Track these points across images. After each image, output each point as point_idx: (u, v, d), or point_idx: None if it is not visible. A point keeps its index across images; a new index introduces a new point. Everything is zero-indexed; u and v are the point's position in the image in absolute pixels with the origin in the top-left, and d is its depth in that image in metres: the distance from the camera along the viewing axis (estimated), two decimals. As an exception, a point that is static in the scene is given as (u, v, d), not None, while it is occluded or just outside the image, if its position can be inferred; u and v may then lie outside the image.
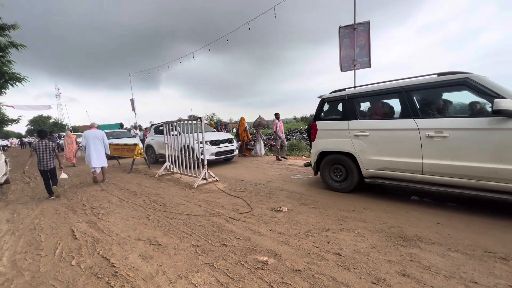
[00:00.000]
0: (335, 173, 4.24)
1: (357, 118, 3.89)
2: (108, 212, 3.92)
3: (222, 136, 7.85)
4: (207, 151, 6.78)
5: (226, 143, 7.78)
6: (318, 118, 4.43)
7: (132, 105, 19.08)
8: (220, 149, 7.46)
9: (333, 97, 4.29)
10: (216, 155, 7.34)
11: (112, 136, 11.96)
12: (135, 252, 2.57)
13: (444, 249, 2.24)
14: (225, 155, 7.73)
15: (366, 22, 6.88)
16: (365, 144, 3.72)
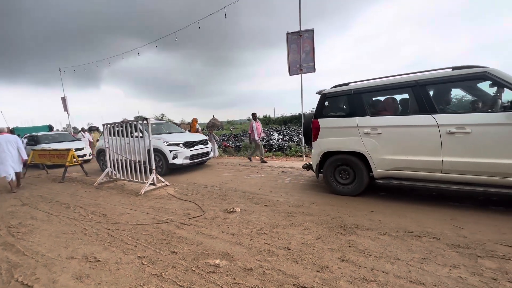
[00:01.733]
0: (341, 175, 3.90)
1: (367, 115, 3.58)
2: (31, 230, 3.33)
3: (196, 137, 7.13)
4: (181, 154, 6.23)
5: (201, 145, 7.06)
6: (320, 115, 4.02)
7: (64, 104, 16.58)
8: (195, 152, 6.70)
9: (336, 92, 3.95)
10: (190, 159, 6.54)
11: (48, 140, 10.17)
12: (67, 273, 2.24)
13: (375, 233, 2.57)
14: (200, 158, 6.97)
15: (311, 30, 7.43)
16: (378, 142, 3.45)
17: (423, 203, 3.35)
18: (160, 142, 6.18)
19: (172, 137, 6.68)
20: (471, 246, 2.22)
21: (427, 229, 2.58)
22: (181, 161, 6.21)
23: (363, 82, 3.75)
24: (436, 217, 2.88)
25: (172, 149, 6.13)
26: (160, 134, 6.95)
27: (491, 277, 1.80)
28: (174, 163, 6.06)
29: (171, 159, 6.04)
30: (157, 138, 6.35)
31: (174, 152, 6.11)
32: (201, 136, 7.45)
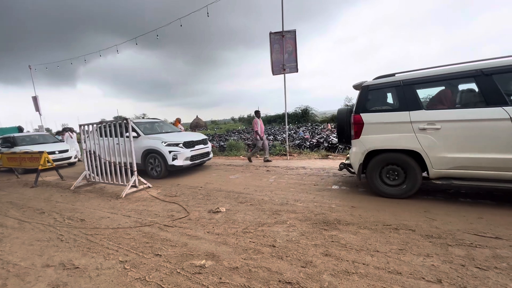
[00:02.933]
0: (389, 175, 3.57)
1: (422, 108, 3.26)
2: (1, 239, 3.12)
3: (196, 137, 6.62)
4: (181, 155, 5.79)
5: (201, 145, 6.57)
6: (363, 110, 3.66)
7: (35, 104, 15.57)
8: (195, 152, 6.20)
9: (381, 84, 3.61)
10: (191, 160, 6.07)
11: (27, 142, 9.29)
12: (42, 282, 2.13)
13: (356, 228, 2.68)
14: (200, 159, 6.47)
15: (293, 31, 7.54)
16: (436, 139, 3.14)
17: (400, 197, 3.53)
18: (158, 143, 5.81)
19: (170, 136, 6.21)
20: (442, 236, 2.38)
21: (404, 222, 2.73)
22: (181, 163, 5.79)
23: (413, 73, 3.44)
24: (411, 210, 3.05)
25: (172, 150, 5.71)
26: (156, 134, 6.47)
27: (460, 263, 1.95)
28: (174, 164, 5.68)
29: (170, 161, 5.65)
30: (154, 138, 5.99)
31: (174, 153, 5.70)
32: (201, 135, 6.96)
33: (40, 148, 8.05)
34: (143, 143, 5.94)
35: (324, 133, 12.83)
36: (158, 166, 5.86)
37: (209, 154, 6.92)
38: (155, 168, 5.94)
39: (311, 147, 9.50)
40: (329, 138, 9.88)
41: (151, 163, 5.97)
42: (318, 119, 27.93)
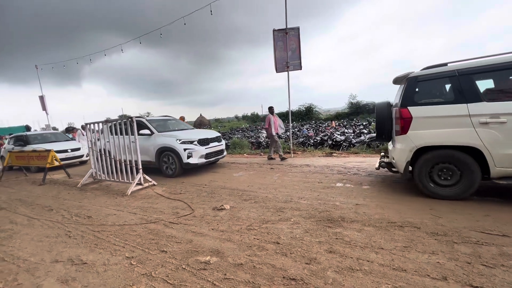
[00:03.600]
0: (440, 174, 3.26)
1: (482, 100, 2.96)
2: (11, 235, 3.19)
3: (210, 134, 6.49)
4: (196, 153, 5.64)
5: (215, 142, 6.38)
6: (411, 103, 3.36)
7: (42, 103, 15.81)
8: (210, 150, 6.05)
9: (431, 74, 3.30)
10: (206, 158, 5.90)
11: (38, 140, 9.23)
12: (52, 277, 2.18)
13: (360, 225, 2.67)
14: (215, 157, 6.31)
15: (296, 28, 7.49)
16: (500, 133, 2.86)
17: (404, 194, 3.50)
18: (172, 140, 5.68)
19: (185, 134, 6.06)
20: (448, 234, 2.36)
21: (409, 219, 2.71)
22: (196, 161, 5.64)
23: (471, 61, 3.15)
24: (416, 207, 3.03)
25: (187, 148, 5.57)
26: (170, 132, 6.35)
27: (466, 261, 1.93)
28: (189, 162, 5.54)
29: (185, 159, 5.52)
30: (168, 135, 5.89)
31: (189, 150, 5.56)
32: (215, 133, 6.78)
33: (53, 147, 8.16)
34: (157, 141, 5.86)
35: (328, 131, 12.77)
36: (173, 164, 5.75)
37: (223, 152, 6.74)
38: (169, 166, 5.85)
39: (315, 145, 9.47)
40: (333, 136, 9.83)
41: (166, 161, 5.87)
42: (322, 116, 27.78)
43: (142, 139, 5.88)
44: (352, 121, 19.98)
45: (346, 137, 9.28)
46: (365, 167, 5.36)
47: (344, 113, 28.93)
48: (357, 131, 11.31)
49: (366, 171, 5.01)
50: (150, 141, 5.86)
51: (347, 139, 9.01)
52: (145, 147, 5.95)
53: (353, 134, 10.53)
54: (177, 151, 5.57)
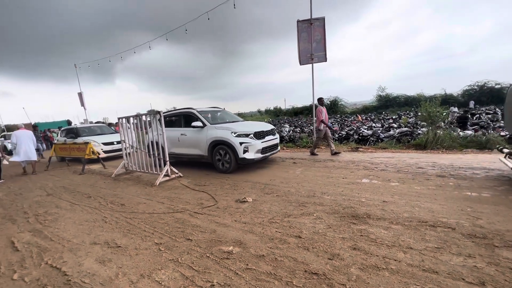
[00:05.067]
0: None
1: None
2: (57, 218, 3.55)
3: (265, 127, 5.91)
4: (252, 147, 5.18)
5: (270, 135, 5.84)
6: None
7: (80, 99, 17.18)
8: (266, 144, 5.53)
9: None
10: (262, 152, 5.40)
11: (86, 133, 9.69)
12: (91, 257, 2.40)
13: (387, 223, 2.56)
14: (270, 152, 5.79)
15: (322, 18, 7.22)
16: None
17: (438, 192, 3.27)
18: (227, 133, 5.26)
19: (239, 126, 5.58)
20: (488, 236, 2.17)
21: (442, 219, 2.53)
22: (252, 156, 5.19)
23: None
24: (452, 206, 2.81)
25: (243, 141, 5.11)
26: (223, 124, 5.90)
27: (508, 266, 1.76)
28: (245, 158, 5.10)
29: (241, 153, 5.08)
30: (222, 128, 5.48)
31: (245, 144, 5.11)
32: (269, 125, 6.18)
33: (100, 139, 8.81)
34: (210, 134, 5.51)
35: (354, 125, 12.27)
36: (228, 159, 5.34)
37: (278, 147, 6.20)
38: (223, 161, 5.46)
39: (340, 139, 9.17)
40: (359, 130, 9.43)
41: (219, 155, 5.48)
42: (348, 110, 26.74)
43: (193, 131, 5.75)
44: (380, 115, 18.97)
45: (373, 131, 8.84)
46: (394, 163, 5.09)
47: (372, 106, 27.54)
48: (386, 126, 10.73)
49: (395, 167, 4.75)
50: (202, 134, 5.60)
51: (374, 133, 8.59)
52: (196, 140, 5.74)
53: (382, 128, 10.00)
54: (232, 145, 5.14)
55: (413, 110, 18.94)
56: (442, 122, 8.00)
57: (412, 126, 9.53)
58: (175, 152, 6.25)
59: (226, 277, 1.92)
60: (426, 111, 7.27)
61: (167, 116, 6.56)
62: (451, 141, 6.43)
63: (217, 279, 1.90)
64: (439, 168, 4.46)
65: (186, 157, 6.07)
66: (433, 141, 6.49)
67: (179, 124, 6.23)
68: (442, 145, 6.36)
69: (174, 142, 6.18)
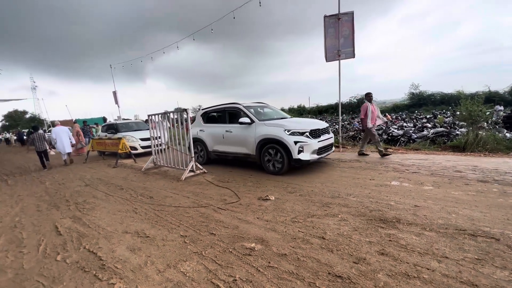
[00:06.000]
0: None
1: None
2: (94, 207, 3.85)
3: (319, 124, 5.28)
4: (308, 147, 4.62)
5: (326, 134, 5.24)
6: None
7: (115, 98, 18.41)
8: (322, 144, 4.93)
9: None
10: (318, 153, 4.81)
11: (124, 129, 10.06)
12: (123, 244, 2.57)
13: (419, 229, 2.39)
14: (326, 152, 5.15)
15: (350, 12, 6.93)
16: None
17: (482, 199, 2.98)
18: (279, 131, 4.74)
19: (292, 123, 5.02)
20: (540, 250, 1.93)
21: (484, 228, 2.31)
22: (308, 157, 4.61)
23: None
24: (496, 216, 2.55)
25: (297, 140, 4.56)
26: (272, 120, 5.43)
27: None
28: (299, 159, 4.53)
29: (296, 154, 4.52)
30: (273, 125, 4.98)
31: (300, 144, 4.54)
32: (323, 123, 5.50)
33: (139, 135, 9.15)
34: (259, 131, 5.04)
35: (383, 125, 11.65)
36: (280, 159, 4.79)
37: (332, 147, 5.57)
38: (274, 162, 4.92)
39: (367, 139, 8.76)
40: (389, 130, 8.94)
41: (269, 155, 4.96)
42: (377, 109, 25.48)
43: (240, 128, 5.40)
44: (412, 114, 17.80)
45: (405, 131, 8.33)
46: (427, 165, 4.74)
47: (403, 104, 25.94)
48: (418, 125, 10.04)
49: (429, 169, 4.43)
50: (249, 131, 5.19)
51: (406, 133, 8.09)
52: (243, 138, 5.34)
53: (414, 128, 9.38)
54: (286, 144, 4.59)
55: (450, 109, 17.51)
56: (485, 122, 7.27)
57: (449, 126, 8.82)
58: (219, 150, 5.99)
59: (248, 273, 1.93)
60: (466, 109, 6.64)
61: (210, 111, 6.40)
62: (495, 143, 5.83)
63: (239, 274, 1.93)
64: (480, 172, 4.07)
65: (231, 155, 5.73)
66: (474, 142, 5.94)
67: (223, 120, 5.97)
68: (484, 147, 5.79)
69: (217, 139, 5.95)
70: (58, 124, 8.95)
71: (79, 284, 2.00)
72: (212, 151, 6.19)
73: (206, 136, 6.25)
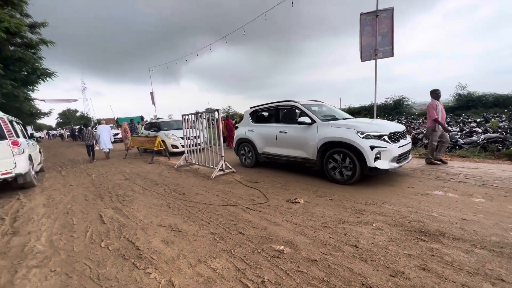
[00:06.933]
0: None
1: None
2: (132, 199, 4.15)
3: (396, 126, 4.48)
4: (387, 153, 3.88)
5: (403, 139, 4.42)
6: None
7: (152, 98, 19.70)
8: (402, 150, 4.16)
9: None
10: (398, 161, 4.07)
11: (165, 127, 10.26)
12: (158, 237, 2.72)
13: (468, 245, 2.15)
14: (405, 161, 4.35)
15: (390, 9, 6.53)
16: None
17: (544, 217, 2.59)
18: (350, 133, 4.04)
19: (365, 124, 4.28)
20: None
21: (551, 251, 2.00)
22: (386, 165, 3.87)
23: None
24: None
25: (374, 145, 3.84)
26: (337, 121, 4.70)
27: None
28: (376, 167, 3.79)
29: (371, 161, 3.79)
30: (341, 126, 4.28)
31: (378, 149, 3.82)
32: (401, 125, 4.66)
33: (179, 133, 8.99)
34: (323, 133, 4.37)
35: (422, 128, 10.77)
36: (350, 165, 4.07)
37: (410, 154, 4.70)
38: (342, 169, 4.18)
39: (405, 143, 8.15)
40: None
41: (335, 161, 4.24)
42: (415, 111, 23.67)
43: (297, 129, 4.84)
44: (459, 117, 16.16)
45: (449, 136, 7.58)
46: (477, 174, 4.26)
47: (447, 107, 23.68)
48: (466, 130, 9.08)
49: (479, 179, 3.97)
50: (309, 133, 4.58)
51: (451, 138, 7.36)
52: (300, 140, 4.75)
53: (460, 133, 8.50)
54: (359, 149, 3.89)
55: (506, 112, 15.54)
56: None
57: (505, 132, 7.82)
58: (270, 153, 5.46)
59: (277, 276, 1.92)
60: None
61: (260, 110, 5.95)
62: None
63: (268, 276, 1.92)
64: (545, 185, 3.54)
65: (284, 159, 5.17)
66: (537, 151, 5.17)
67: (276, 119, 5.47)
68: (550, 157, 5.02)
69: (269, 141, 5.43)
70: (103, 123, 10.27)
71: (120, 270, 2.16)
72: (262, 153, 5.68)
73: (256, 136, 5.76)
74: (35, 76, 12.87)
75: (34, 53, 12.59)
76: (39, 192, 5.19)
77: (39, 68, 12.68)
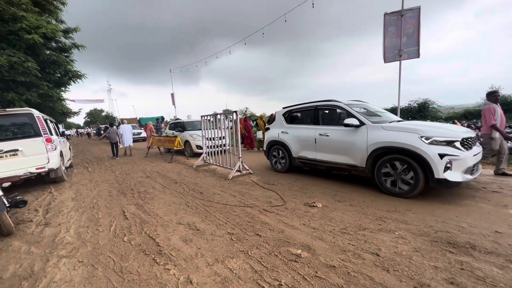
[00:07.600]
0: None
1: None
2: (153, 197, 4.30)
3: (469, 132, 3.78)
4: (460, 163, 3.29)
5: (475, 146, 3.75)
6: None
7: (172, 99, 20.34)
8: (476, 160, 3.53)
9: None
10: (471, 172, 3.46)
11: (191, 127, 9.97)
12: (177, 234, 2.79)
13: (503, 260, 2.00)
14: (477, 173, 3.66)
15: (416, 8, 6.27)
16: None
17: None
18: (411, 138, 3.48)
19: (429, 128, 3.65)
20: None
21: None
22: (459, 177, 3.27)
23: None
24: None
25: (444, 153, 3.26)
26: (391, 123, 4.01)
27: None
28: (446, 179, 3.23)
29: (440, 172, 3.24)
30: (397, 129, 3.70)
31: (448, 158, 3.24)
32: (469, 130, 3.97)
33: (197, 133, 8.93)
34: (374, 137, 3.84)
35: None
36: (407, 173, 3.53)
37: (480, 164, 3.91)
38: (398, 179, 3.62)
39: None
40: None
41: (389, 168, 3.70)
42: (442, 115, 22.47)
43: (341, 132, 4.31)
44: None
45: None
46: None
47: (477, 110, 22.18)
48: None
49: (514, 190, 3.67)
50: (357, 136, 4.05)
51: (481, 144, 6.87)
52: (346, 145, 4.21)
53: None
54: (423, 157, 3.34)
55: (546, 117, 14.26)
56: None
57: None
58: (307, 157, 4.95)
59: (294, 280, 1.89)
60: None
61: (295, 110, 5.41)
62: None
63: (285, 279, 1.90)
64: None
65: (325, 165, 4.65)
66: None
67: (315, 121, 4.89)
68: None
69: (306, 144, 4.94)
70: (126, 122, 11.33)
71: (141, 265, 2.24)
72: (297, 158, 5.18)
73: (290, 139, 5.28)
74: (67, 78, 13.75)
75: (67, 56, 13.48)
76: (68, 186, 5.53)
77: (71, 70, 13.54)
